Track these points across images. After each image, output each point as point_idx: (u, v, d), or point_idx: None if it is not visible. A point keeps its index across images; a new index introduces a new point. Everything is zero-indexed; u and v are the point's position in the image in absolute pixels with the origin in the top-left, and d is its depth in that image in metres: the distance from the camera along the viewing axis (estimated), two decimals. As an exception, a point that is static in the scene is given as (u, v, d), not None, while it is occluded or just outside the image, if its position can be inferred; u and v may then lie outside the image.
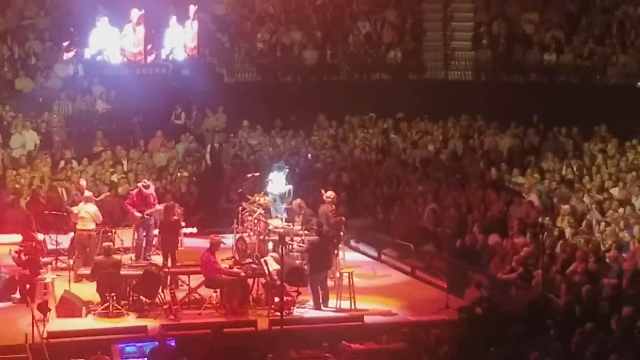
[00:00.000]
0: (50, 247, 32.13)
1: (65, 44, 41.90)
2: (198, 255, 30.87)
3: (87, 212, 32.21)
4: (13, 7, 47.04)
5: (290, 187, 33.37)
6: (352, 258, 33.88)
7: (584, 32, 49.09)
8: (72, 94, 44.21)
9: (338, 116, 46.27)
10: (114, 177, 39.46)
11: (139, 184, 33.92)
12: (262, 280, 29.99)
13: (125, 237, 33.20)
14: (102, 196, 34.16)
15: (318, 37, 48.95)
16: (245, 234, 31.89)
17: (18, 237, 32.77)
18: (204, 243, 32.14)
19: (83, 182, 34.80)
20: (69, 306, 29.17)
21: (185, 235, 33.51)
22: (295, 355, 26.89)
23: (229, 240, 31.99)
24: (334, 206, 32.37)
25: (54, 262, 31.77)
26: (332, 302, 30.07)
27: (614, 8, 49.53)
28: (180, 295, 30.01)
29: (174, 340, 26.97)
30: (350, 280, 30.75)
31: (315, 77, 47.99)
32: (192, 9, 40.07)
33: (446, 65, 50.15)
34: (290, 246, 30.70)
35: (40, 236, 31.89)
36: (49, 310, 28.15)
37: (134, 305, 29.47)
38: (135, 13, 38.73)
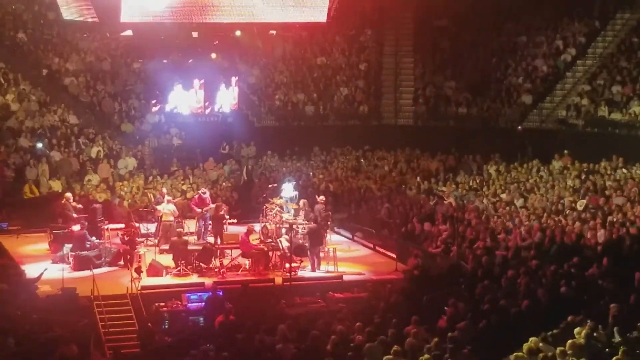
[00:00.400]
0: (143, 231, 32.04)
1: (153, 101, 41.83)
2: (237, 237, 31.02)
3: (167, 209, 32.31)
4: (120, 78, 46.95)
5: (296, 193, 33.37)
6: (335, 239, 33.90)
7: (484, 94, 48.97)
8: (157, 133, 44.20)
9: (327, 148, 46.30)
10: (184, 187, 39.37)
11: (200, 191, 34.03)
12: (278, 253, 30.12)
13: (190, 225, 33.19)
14: (176, 199, 34.08)
15: (314, 97, 48.86)
16: (267, 224, 31.88)
17: (122, 225, 32.80)
18: (241, 229, 32.08)
19: (164, 190, 34.71)
20: (155, 269, 29.24)
21: (229, 224, 33.35)
22: (298, 300, 27.10)
23: (257, 227, 31.85)
24: (324, 206, 32.36)
25: (145, 241, 31.67)
26: (323, 267, 30.09)
27: (503, 78, 49.41)
28: (225, 262, 30.04)
29: (221, 291, 26.93)
30: (334, 253, 30.92)
31: (312, 123, 47.99)
32: (234, 79, 39.98)
33: (396, 115, 50.13)
34: (296, 231, 30.61)
35: (136, 225, 31.83)
36: (142, 272, 28.12)
37: (196, 269, 29.52)
38: (197, 82, 38.56)
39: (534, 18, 52.68)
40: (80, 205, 32.98)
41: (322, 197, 33.26)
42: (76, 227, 31.09)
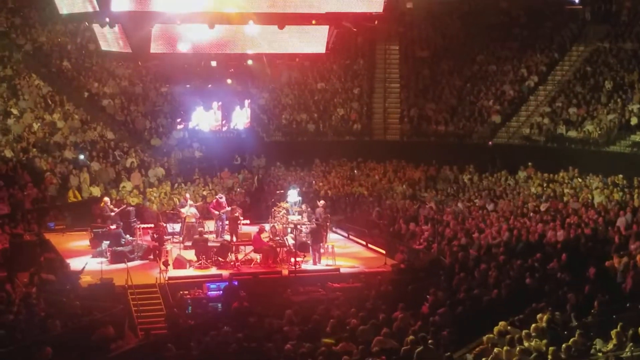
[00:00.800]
0: (169, 230, 31.97)
1: (178, 120, 41.84)
2: (250, 235, 30.94)
3: (189, 212, 32.23)
4: (150, 100, 46.96)
5: (300, 198, 33.21)
6: (333, 237, 33.66)
7: (459, 114, 48.92)
8: (182, 147, 44.13)
9: (326, 160, 46.17)
10: (204, 192, 39.27)
11: (217, 196, 33.95)
12: (285, 249, 30.02)
13: (210, 225, 33.08)
14: (198, 203, 34.01)
15: (315, 116, 48.78)
16: (275, 224, 31.81)
17: (152, 225, 32.76)
18: (253, 229, 31.99)
19: (187, 195, 34.64)
20: (180, 263, 29.15)
21: (243, 224, 33.27)
22: (302, 290, 27.00)
23: (267, 227, 31.80)
24: (323, 209, 32.35)
25: (171, 239, 31.59)
26: (323, 261, 30.01)
27: (476, 101, 49.43)
28: (240, 256, 29.99)
29: (236, 282, 26.92)
30: (332, 249, 30.83)
31: (313, 138, 47.89)
32: (247, 101, 40.01)
33: (385, 132, 50.00)
34: (300, 231, 30.52)
35: (164, 225, 31.79)
36: (169, 265, 28.08)
37: (215, 262, 29.42)
38: (215, 104, 38.54)
39: (502, 50, 52.82)
40: (116, 208, 32.97)
41: (322, 202, 33.30)
42: (112, 227, 31.13)
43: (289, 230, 30.87)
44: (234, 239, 31.45)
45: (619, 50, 48.79)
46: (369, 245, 33.32)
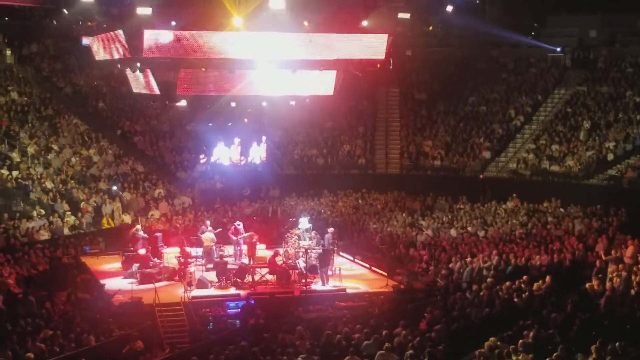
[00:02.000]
0: (193, 254, 31.83)
1: (201, 155, 41.77)
2: (265, 259, 30.86)
3: (207, 237, 32.07)
4: (176, 137, 47.11)
5: (310, 225, 33.10)
6: (340, 260, 33.48)
7: (453, 151, 48.96)
8: (205, 179, 44.27)
9: (334, 191, 46.12)
10: (224, 220, 39.25)
11: (235, 223, 33.82)
12: (297, 271, 29.92)
13: (229, 249, 32.95)
14: (217, 230, 33.87)
15: (324, 152, 48.92)
16: (288, 248, 31.73)
17: (177, 249, 32.68)
18: (268, 253, 31.97)
19: (208, 222, 34.54)
20: (202, 283, 29.08)
21: (259, 249, 33.16)
22: (312, 308, 26.86)
23: (281, 251, 31.73)
24: (331, 235, 32.21)
25: (195, 261, 31.44)
26: (331, 282, 29.91)
27: (468, 138, 49.46)
28: (256, 278, 29.91)
29: (253, 300, 26.83)
30: (339, 271, 30.76)
31: (322, 172, 48.00)
32: (264, 138, 39.90)
33: (386, 166, 50.01)
34: (310, 255, 30.44)
35: (187, 249, 31.71)
36: (192, 285, 28.07)
37: (234, 283, 29.35)
38: (236, 140, 38.51)
39: (491, 93, 52.97)
40: (145, 234, 32.94)
41: (331, 229, 33.10)
42: (142, 251, 31.12)
43: (301, 254, 30.69)
44: (251, 262, 31.33)
45: (596, 94, 49.08)
46: (373, 268, 33.16)
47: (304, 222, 32.89)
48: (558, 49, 53.66)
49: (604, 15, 55.08)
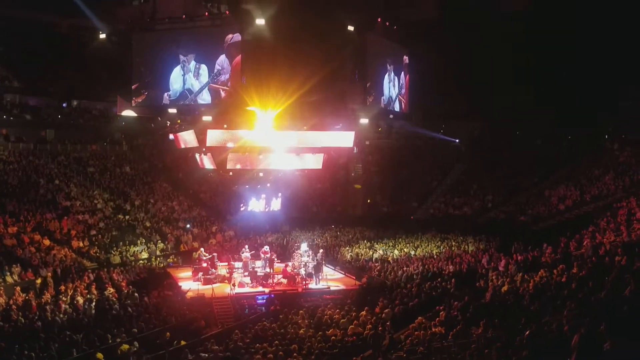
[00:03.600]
0: (236, 266, 31.38)
1: (241, 204, 40.84)
2: (280, 269, 30.65)
3: (245, 255, 31.44)
4: (227, 195, 46.91)
5: (308, 248, 32.82)
6: (327, 270, 32.79)
7: (395, 201, 48.79)
8: (243, 220, 43.26)
9: (322, 227, 45.48)
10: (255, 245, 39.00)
11: (263, 248, 33.34)
12: (299, 277, 29.62)
13: (259, 263, 32.37)
14: (251, 252, 33.37)
15: (316, 203, 48.58)
16: (295, 262, 31.40)
17: (226, 263, 32.23)
18: (282, 265, 31.70)
19: (246, 246, 33.89)
20: (241, 285, 28.80)
21: (277, 262, 32.75)
22: (309, 299, 26.63)
23: (290, 264, 31.40)
24: (322, 254, 31.95)
25: (237, 271, 30.90)
26: (322, 283, 29.55)
27: (403, 195, 49.49)
28: (275, 281, 29.60)
29: (273, 295, 26.63)
30: (326, 276, 30.47)
31: (315, 215, 47.77)
32: (280, 194, 39.73)
33: (354, 211, 49.72)
34: (308, 266, 30.14)
35: (232, 263, 31.33)
36: (235, 285, 27.87)
37: (261, 284, 28.97)
38: (262, 196, 38.46)
39: (419, 166, 53.00)
40: (206, 254, 32.72)
41: (321, 250, 32.82)
42: (204, 265, 30.86)
43: (302, 266, 30.50)
44: (272, 271, 31.04)
45: (480, 167, 49.32)
46: (346, 274, 32.89)
47: (304, 246, 32.74)
48: (457, 140, 54.15)
49: (483, 119, 55.85)
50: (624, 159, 42.54)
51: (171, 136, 33.00)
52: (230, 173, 33.63)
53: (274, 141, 29.24)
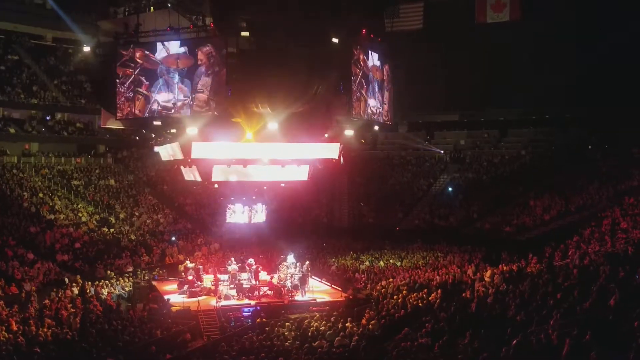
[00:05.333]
0: (221, 279, 31.26)
1: (227, 217, 40.85)
2: (266, 281, 30.50)
3: (232, 268, 31.53)
4: (211, 207, 46.65)
5: (294, 260, 32.67)
6: (312, 282, 32.77)
7: (380, 213, 48.72)
8: (228, 232, 43.25)
9: (307, 238, 45.07)
10: (241, 257, 38.69)
11: (248, 260, 33.21)
12: (285, 288, 29.48)
13: (244, 275, 32.26)
14: (238, 265, 33.18)
15: (302, 214, 48.41)
16: (281, 274, 31.28)
17: (212, 276, 32.07)
18: (268, 277, 31.55)
19: (232, 259, 33.86)
20: (227, 297, 28.62)
21: (262, 274, 32.71)
22: (295, 311, 26.40)
23: (276, 275, 31.31)
24: (308, 266, 31.87)
25: (223, 283, 30.75)
26: (308, 295, 29.50)
27: (389, 206, 49.53)
28: (261, 293, 29.44)
29: (259, 307, 26.51)
30: (312, 288, 30.39)
31: (301, 227, 47.31)
32: (265, 206, 39.53)
33: (340, 222, 49.68)
34: (294, 278, 30.08)
35: (218, 275, 31.18)
36: (221, 298, 27.67)
37: (247, 297, 28.84)
38: (247, 208, 38.31)
39: (402, 177, 53.17)
40: (192, 265, 32.51)
41: (307, 262, 32.72)
42: (189, 277, 30.62)
43: (288, 277, 30.35)
44: (258, 283, 30.88)
45: (465, 178, 49.63)
46: (332, 286, 32.80)
47: (290, 258, 32.59)
48: (442, 152, 54.45)
49: (468, 132, 56.16)
50: (607, 169, 42.93)
51: (155, 148, 32.80)
52: (216, 185, 33.48)
53: (259, 153, 29.15)
